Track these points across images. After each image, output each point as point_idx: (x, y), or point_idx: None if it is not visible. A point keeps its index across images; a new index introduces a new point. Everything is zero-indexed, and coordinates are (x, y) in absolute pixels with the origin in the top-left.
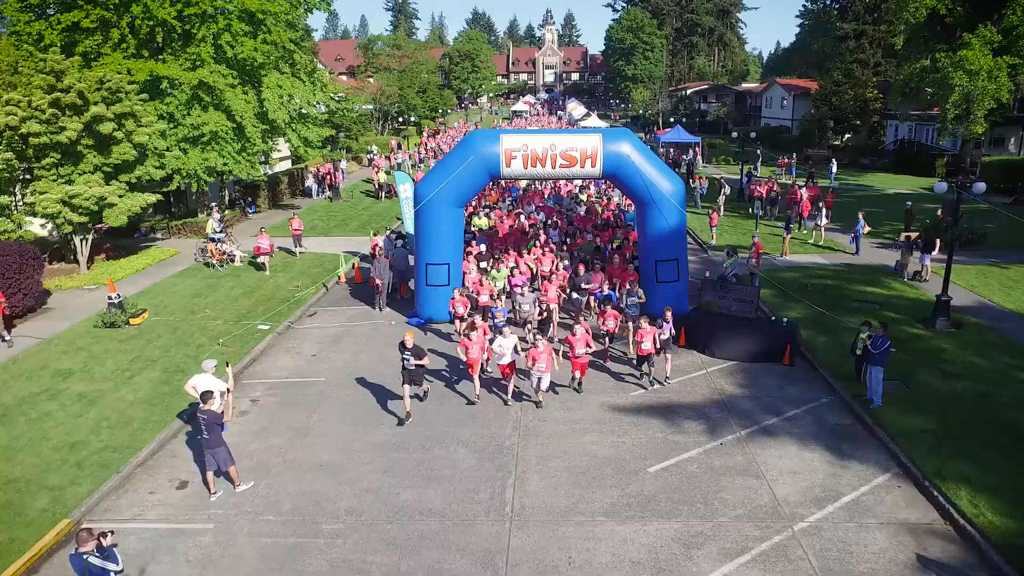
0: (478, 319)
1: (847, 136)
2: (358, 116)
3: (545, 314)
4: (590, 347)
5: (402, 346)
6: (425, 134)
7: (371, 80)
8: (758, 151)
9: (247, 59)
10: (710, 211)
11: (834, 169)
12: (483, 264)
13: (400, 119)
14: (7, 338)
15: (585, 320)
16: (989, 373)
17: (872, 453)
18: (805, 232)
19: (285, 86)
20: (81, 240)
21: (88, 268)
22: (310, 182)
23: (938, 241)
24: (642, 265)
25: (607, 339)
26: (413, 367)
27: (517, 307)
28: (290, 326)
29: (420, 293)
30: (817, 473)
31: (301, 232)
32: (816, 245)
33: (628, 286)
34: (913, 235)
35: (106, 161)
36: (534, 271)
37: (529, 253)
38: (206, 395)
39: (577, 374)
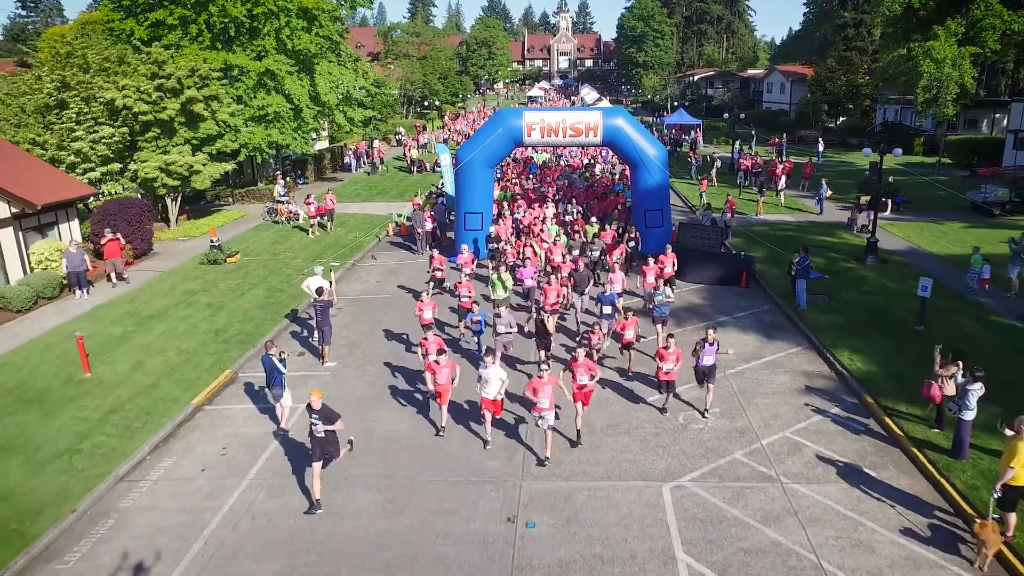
0: (431, 337)
1: (842, 119)
2: (390, 100)
3: (542, 325)
4: (595, 375)
5: (309, 408)
6: (447, 117)
7: (391, 66)
8: (752, 132)
9: (303, 50)
10: (700, 179)
11: (820, 148)
12: (492, 246)
13: (424, 103)
14: (125, 276)
15: (599, 329)
16: (896, 292)
17: (792, 336)
18: (778, 198)
19: (334, 73)
20: (172, 201)
21: (176, 225)
22: (349, 158)
23: (890, 202)
24: (634, 214)
25: (628, 351)
26: (322, 434)
27: (494, 329)
28: (354, 264)
29: (459, 236)
30: (749, 346)
31: (334, 208)
32: (788, 207)
33: (655, 283)
34: (864, 198)
35: (195, 135)
36: (539, 256)
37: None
38: (319, 289)
39: (579, 406)
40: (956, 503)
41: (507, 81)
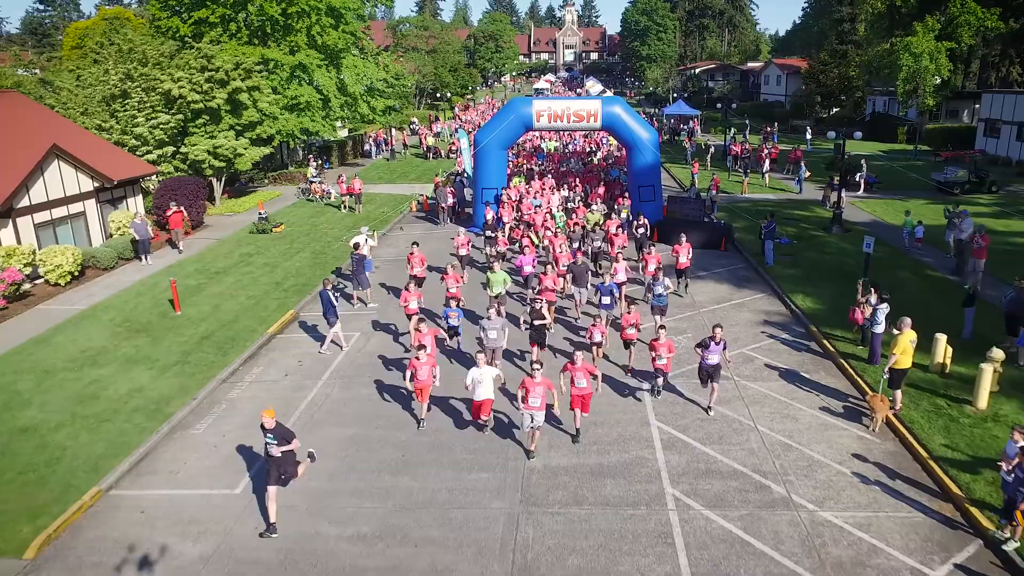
0: (424, 329)
1: (835, 109)
2: (407, 91)
3: (541, 319)
4: (596, 378)
5: (262, 428)
6: (457, 109)
7: (401, 59)
8: (745, 121)
9: (332, 45)
10: (692, 162)
11: (808, 136)
12: (488, 233)
13: (437, 95)
14: (180, 247)
15: (600, 323)
16: (852, 253)
17: (759, 286)
18: (763, 180)
19: (359, 66)
20: (217, 181)
21: (220, 203)
22: (369, 145)
23: (863, 182)
24: (630, 190)
25: (629, 348)
26: (279, 454)
27: (483, 334)
28: (385, 234)
29: (477, 209)
30: (721, 292)
31: (361, 192)
32: (772, 188)
33: (653, 272)
34: (838, 178)
35: (238, 122)
36: (537, 244)
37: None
38: (356, 245)
39: (577, 411)
40: (865, 392)
41: (514, 74)
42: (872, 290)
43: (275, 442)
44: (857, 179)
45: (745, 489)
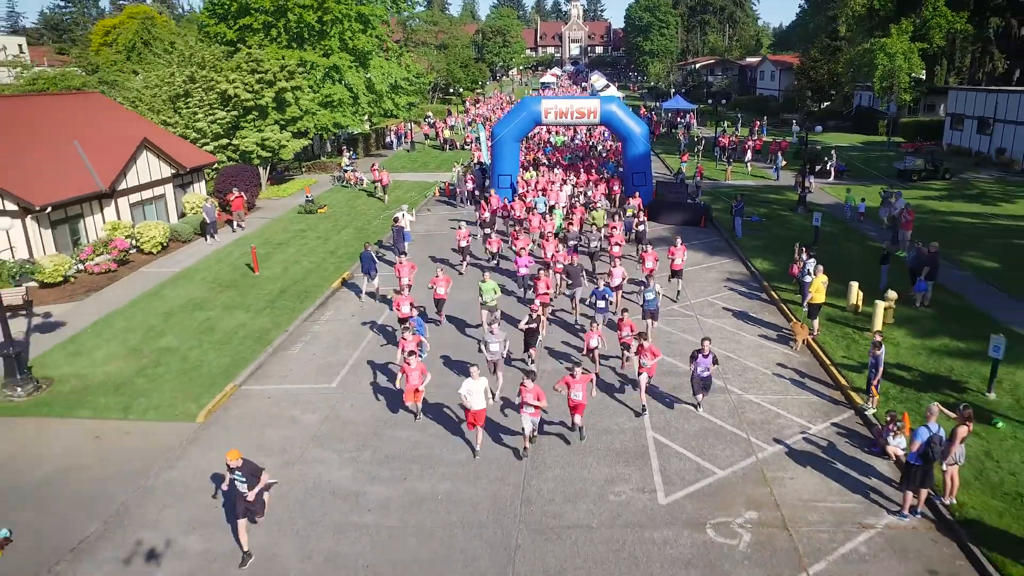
0: (409, 337)
1: (826, 104)
2: (424, 88)
3: (534, 323)
4: (592, 392)
5: (227, 468)
6: (468, 103)
7: (411, 55)
8: (737, 115)
9: (360, 48)
10: (681, 153)
11: (795, 128)
12: (486, 231)
13: (449, 90)
14: (243, 225)
15: (596, 327)
16: (811, 228)
17: (728, 254)
18: (746, 168)
19: (384, 66)
20: (263, 169)
21: (265, 189)
22: (390, 138)
23: (832, 169)
24: (625, 177)
25: (627, 350)
26: (250, 495)
27: (484, 347)
28: (415, 214)
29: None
30: (696, 258)
31: (389, 183)
32: (753, 176)
33: (651, 269)
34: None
35: (282, 117)
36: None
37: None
38: (396, 218)
39: (577, 419)
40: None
41: (521, 68)
42: (804, 249)
43: (243, 479)
44: (827, 168)
45: None
